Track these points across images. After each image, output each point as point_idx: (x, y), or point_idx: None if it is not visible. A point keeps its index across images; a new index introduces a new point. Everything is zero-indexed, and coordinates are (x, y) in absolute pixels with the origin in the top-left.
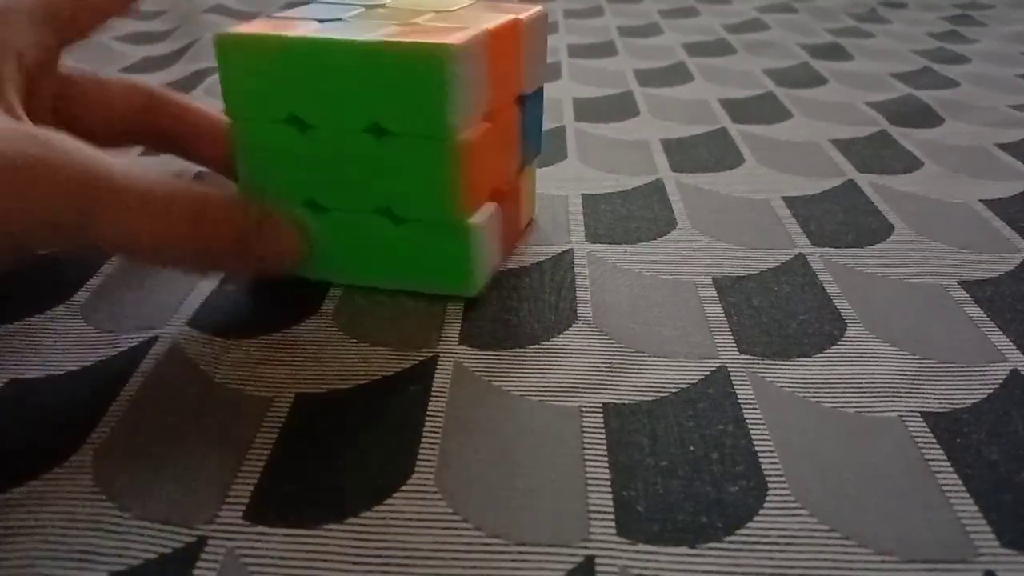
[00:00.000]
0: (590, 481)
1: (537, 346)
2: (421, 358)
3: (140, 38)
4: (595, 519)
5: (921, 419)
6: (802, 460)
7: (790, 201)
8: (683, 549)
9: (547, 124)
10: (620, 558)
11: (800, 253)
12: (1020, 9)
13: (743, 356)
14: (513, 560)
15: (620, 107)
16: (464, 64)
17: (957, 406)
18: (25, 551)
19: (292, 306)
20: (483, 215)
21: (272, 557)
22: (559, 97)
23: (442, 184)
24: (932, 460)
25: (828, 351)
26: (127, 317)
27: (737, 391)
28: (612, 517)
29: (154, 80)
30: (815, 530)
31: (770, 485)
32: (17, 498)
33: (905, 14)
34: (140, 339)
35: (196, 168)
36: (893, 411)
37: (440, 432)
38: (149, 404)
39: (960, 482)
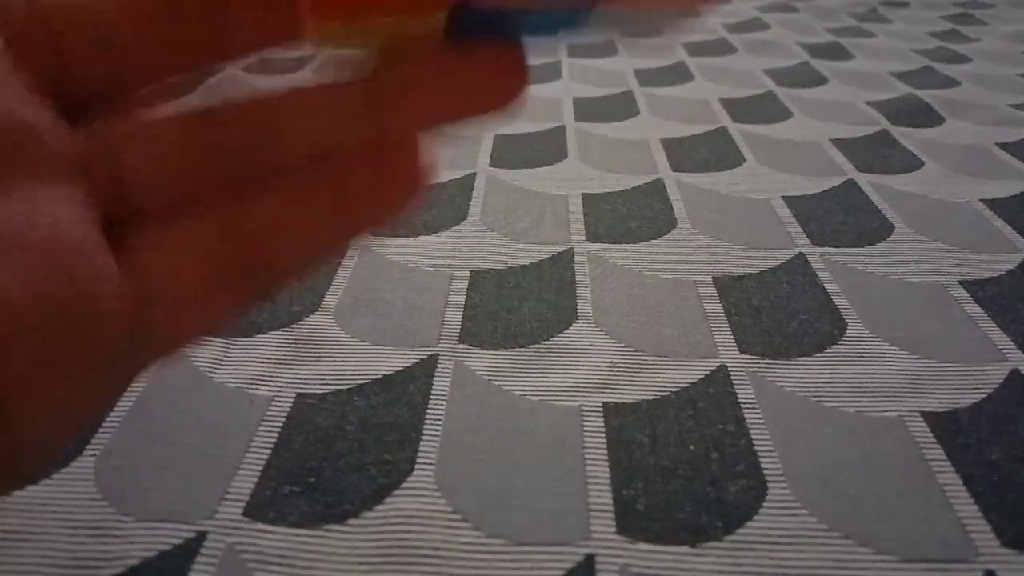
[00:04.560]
0: (590, 480)
1: (537, 346)
2: (421, 358)
3: None
4: (595, 518)
5: (921, 419)
6: (802, 460)
7: (790, 201)
8: (683, 548)
9: (547, 124)
10: (620, 557)
11: (800, 253)
12: (1021, 8)
13: (743, 355)
14: (513, 560)
15: (620, 107)
16: None
17: (957, 406)
18: (26, 558)
19: (292, 305)
20: None
21: (272, 555)
22: (559, 97)
23: None
24: (932, 460)
25: (828, 351)
26: None
27: (737, 390)
28: (612, 516)
29: None
30: (815, 530)
31: (770, 485)
32: (18, 504)
33: (906, 13)
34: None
35: None
36: (893, 411)
37: (440, 432)
38: (150, 406)
39: (960, 482)
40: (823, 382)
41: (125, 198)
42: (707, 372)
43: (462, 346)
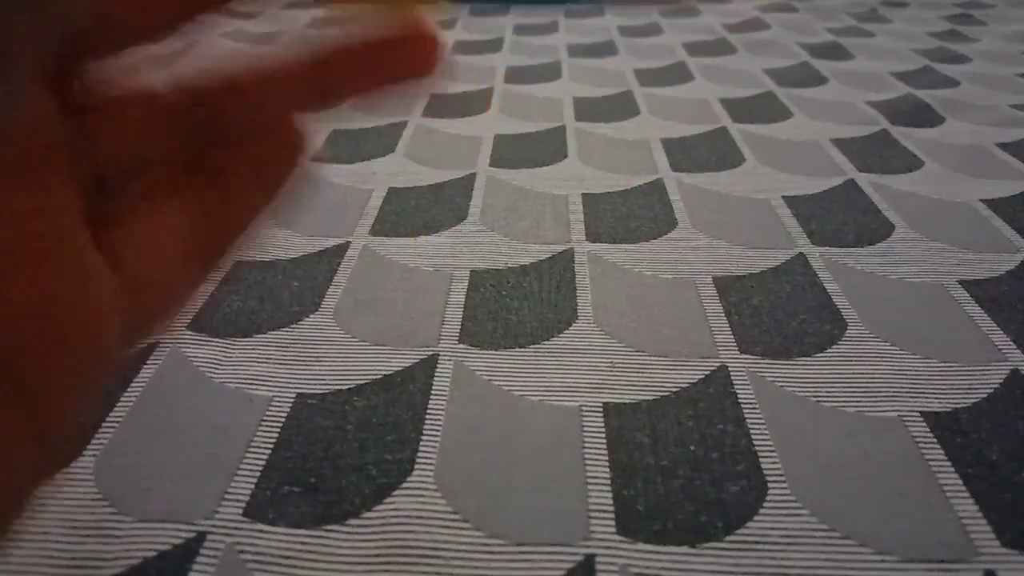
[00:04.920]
0: (590, 480)
1: (537, 346)
2: (421, 358)
3: None
4: (595, 518)
5: (921, 419)
6: (802, 460)
7: (790, 200)
8: (683, 548)
9: (547, 124)
10: (620, 557)
11: (800, 253)
12: (1020, 8)
13: (743, 355)
14: (513, 560)
15: (620, 107)
16: None
17: (957, 406)
18: (26, 558)
19: (292, 305)
20: None
21: (272, 555)
22: (559, 97)
23: None
24: (932, 460)
25: (828, 351)
26: None
27: (737, 390)
28: (612, 516)
29: None
30: (815, 530)
31: (770, 485)
32: None
33: (905, 13)
34: (140, 345)
35: None
36: (893, 411)
37: (440, 432)
38: (150, 406)
39: (960, 482)
40: (823, 382)
41: (100, 175)
42: (707, 372)
43: (462, 346)
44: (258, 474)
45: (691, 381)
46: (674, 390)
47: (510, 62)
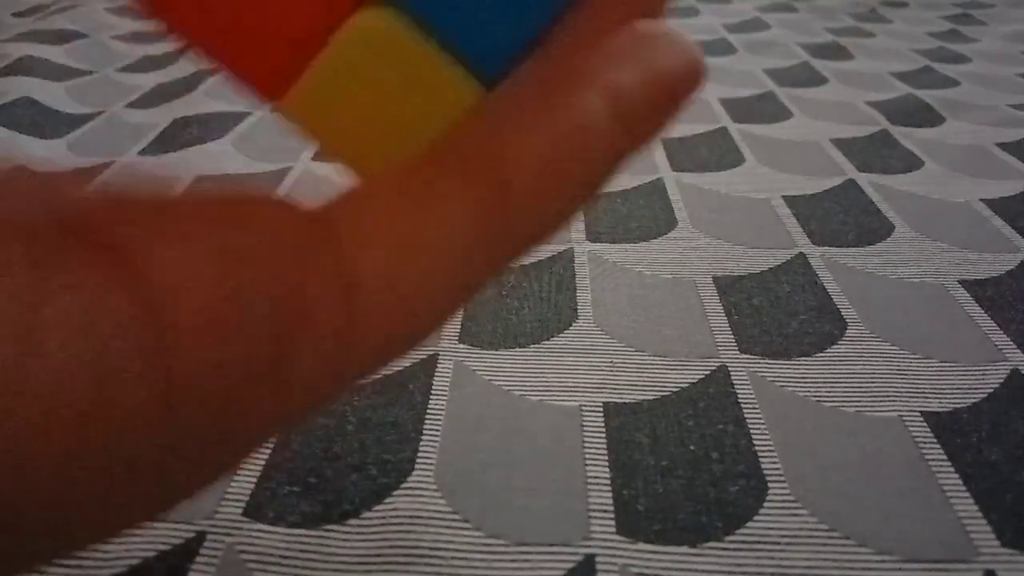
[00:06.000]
0: (590, 480)
1: (537, 346)
2: (421, 357)
3: (140, 37)
4: (595, 518)
5: (921, 419)
6: (802, 460)
7: (791, 200)
8: (683, 548)
9: None
10: (621, 557)
11: (800, 252)
12: (1020, 8)
13: (743, 355)
14: (513, 560)
15: None
16: None
17: (957, 406)
18: None
19: None
20: None
21: (272, 555)
22: None
23: None
24: (932, 460)
25: (828, 351)
26: None
27: (737, 390)
28: (612, 516)
29: (152, 80)
30: (815, 530)
31: (770, 485)
32: None
33: (906, 13)
34: None
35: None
36: (893, 411)
37: (440, 431)
38: None
39: (960, 482)
40: (823, 382)
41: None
42: (707, 372)
43: (462, 346)
44: (258, 474)
45: (691, 381)
46: (674, 390)
47: None
